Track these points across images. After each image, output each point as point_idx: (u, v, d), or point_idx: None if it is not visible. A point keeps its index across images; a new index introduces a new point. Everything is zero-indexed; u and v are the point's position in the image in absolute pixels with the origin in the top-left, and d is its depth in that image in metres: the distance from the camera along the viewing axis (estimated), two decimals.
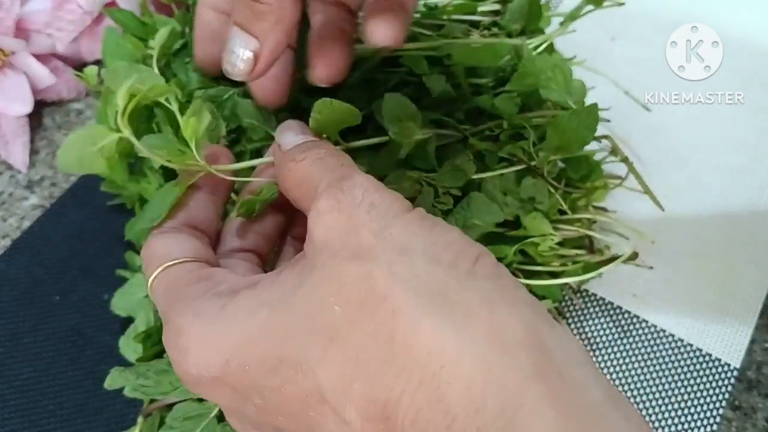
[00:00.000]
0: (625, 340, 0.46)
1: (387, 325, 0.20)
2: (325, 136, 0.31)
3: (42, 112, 0.55)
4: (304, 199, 0.26)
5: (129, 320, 0.42)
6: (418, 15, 0.46)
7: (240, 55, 0.28)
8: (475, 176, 0.40)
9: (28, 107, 0.52)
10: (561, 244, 0.42)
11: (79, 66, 0.55)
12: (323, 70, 0.34)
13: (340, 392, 0.20)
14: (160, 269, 0.26)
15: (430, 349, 0.19)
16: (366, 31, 0.33)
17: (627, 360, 0.45)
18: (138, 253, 0.45)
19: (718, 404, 0.43)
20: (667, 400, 0.44)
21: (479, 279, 0.21)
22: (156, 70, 0.38)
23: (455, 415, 0.18)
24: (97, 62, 0.53)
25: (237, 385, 0.23)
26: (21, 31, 0.51)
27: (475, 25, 0.48)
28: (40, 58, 0.52)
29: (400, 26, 0.33)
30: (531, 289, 0.42)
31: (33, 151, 0.53)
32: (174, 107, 0.29)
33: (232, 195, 0.33)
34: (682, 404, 0.43)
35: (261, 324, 0.22)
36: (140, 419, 0.37)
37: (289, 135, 0.28)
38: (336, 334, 0.21)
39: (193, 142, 0.29)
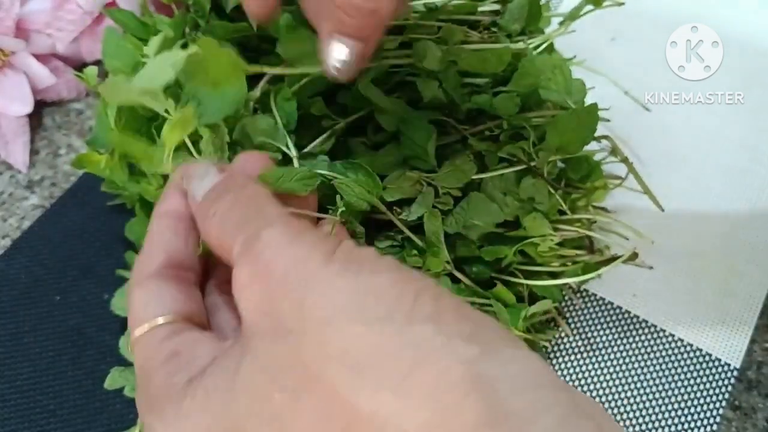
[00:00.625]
0: (625, 340, 0.46)
1: (327, 405, 0.19)
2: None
3: (42, 112, 0.55)
4: (227, 256, 0.24)
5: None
6: (417, 15, 0.45)
7: (347, 60, 0.29)
8: (474, 176, 0.40)
9: (28, 107, 0.52)
10: (561, 244, 0.42)
11: (80, 66, 0.55)
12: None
13: None
14: (137, 334, 0.26)
15: (373, 421, 0.19)
16: None
17: (627, 360, 0.45)
18: (138, 253, 0.45)
19: (718, 404, 0.43)
20: (667, 400, 0.44)
21: (417, 325, 0.19)
22: None
23: None
24: (97, 62, 0.53)
25: None
26: (21, 31, 0.51)
27: (474, 25, 0.48)
28: (40, 58, 0.52)
29: None
30: (531, 290, 0.42)
31: (33, 151, 0.53)
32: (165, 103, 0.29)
33: None
34: (682, 404, 0.44)
35: (212, 422, 0.22)
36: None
37: (197, 183, 0.27)
38: (282, 423, 0.20)
39: (168, 149, 0.29)
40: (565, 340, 0.46)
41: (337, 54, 0.29)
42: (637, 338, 0.46)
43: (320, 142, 0.40)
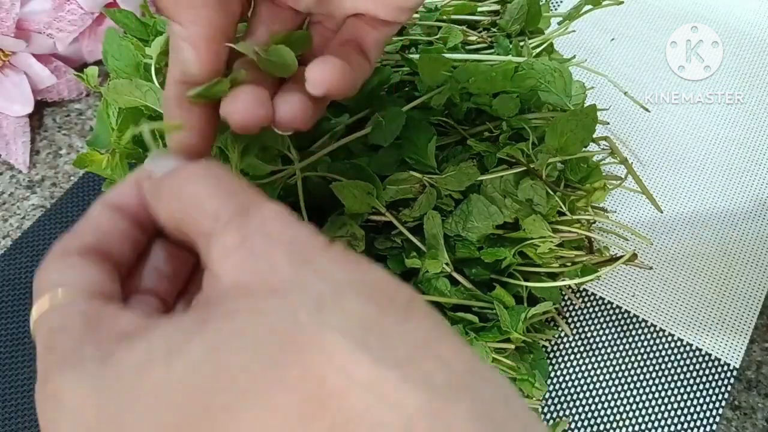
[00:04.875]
0: (625, 340, 0.46)
1: (315, 371, 0.17)
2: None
3: (43, 112, 0.55)
4: (194, 229, 0.21)
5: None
6: (417, 16, 0.46)
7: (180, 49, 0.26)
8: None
9: (28, 107, 0.52)
10: (560, 245, 0.42)
11: (80, 66, 0.55)
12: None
13: None
14: (45, 302, 0.21)
15: (368, 397, 0.17)
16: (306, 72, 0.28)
17: (627, 360, 0.45)
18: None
19: (717, 404, 0.44)
20: (666, 400, 0.44)
21: (415, 321, 0.18)
22: (155, 81, 0.38)
23: None
24: (98, 63, 0.53)
25: None
26: (21, 31, 0.51)
27: (474, 25, 0.48)
28: (41, 58, 0.52)
29: (346, 76, 0.28)
30: (530, 291, 0.42)
31: (34, 152, 0.53)
32: None
33: None
34: (682, 404, 0.44)
35: (148, 382, 0.18)
36: None
37: (164, 160, 0.24)
38: (249, 386, 0.17)
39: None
40: (565, 340, 0.46)
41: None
42: (636, 338, 0.46)
43: (321, 144, 0.40)
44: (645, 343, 0.46)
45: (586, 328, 0.46)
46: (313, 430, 0.16)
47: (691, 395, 0.44)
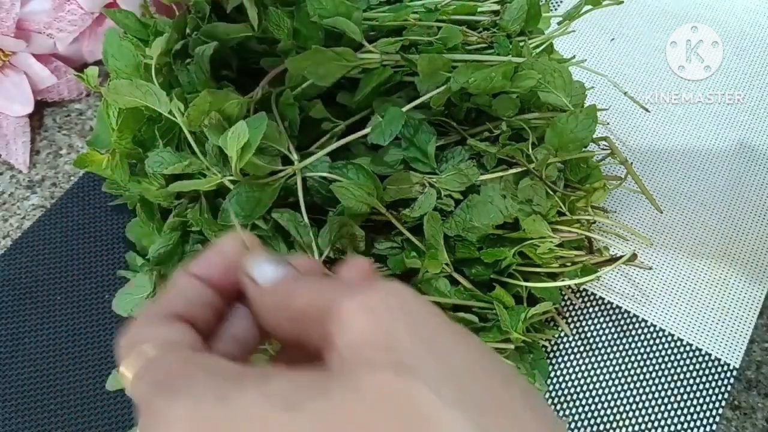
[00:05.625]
0: (624, 340, 0.46)
1: None
2: None
3: (43, 112, 0.55)
4: (311, 329, 0.22)
5: (130, 320, 0.42)
6: (416, 16, 0.45)
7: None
8: None
9: (28, 108, 0.52)
10: (560, 245, 0.42)
11: (80, 66, 0.55)
12: None
13: None
14: (141, 355, 0.22)
15: None
16: None
17: (627, 360, 0.45)
18: (139, 253, 0.45)
19: (717, 404, 0.44)
20: (666, 400, 0.44)
21: (516, 400, 0.19)
22: (155, 82, 0.38)
23: None
24: (98, 63, 0.53)
25: None
26: (21, 31, 0.51)
27: (474, 25, 0.48)
28: (41, 58, 0.52)
29: None
30: (530, 291, 0.42)
31: (34, 152, 0.53)
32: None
33: None
34: (682, 404, 0.44)
35: (267, 423, 0.18)
36: None
37: (267, 268, 0.24)
38: None
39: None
40: (565, 340, 0.46)
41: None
42: (636, 338, 0.46)
43: (321, 144, 0.40)
44: (645, 343, 0.46)
45: (586, 328, 0.46)
46: None
47: (691, 395, 0.44)
